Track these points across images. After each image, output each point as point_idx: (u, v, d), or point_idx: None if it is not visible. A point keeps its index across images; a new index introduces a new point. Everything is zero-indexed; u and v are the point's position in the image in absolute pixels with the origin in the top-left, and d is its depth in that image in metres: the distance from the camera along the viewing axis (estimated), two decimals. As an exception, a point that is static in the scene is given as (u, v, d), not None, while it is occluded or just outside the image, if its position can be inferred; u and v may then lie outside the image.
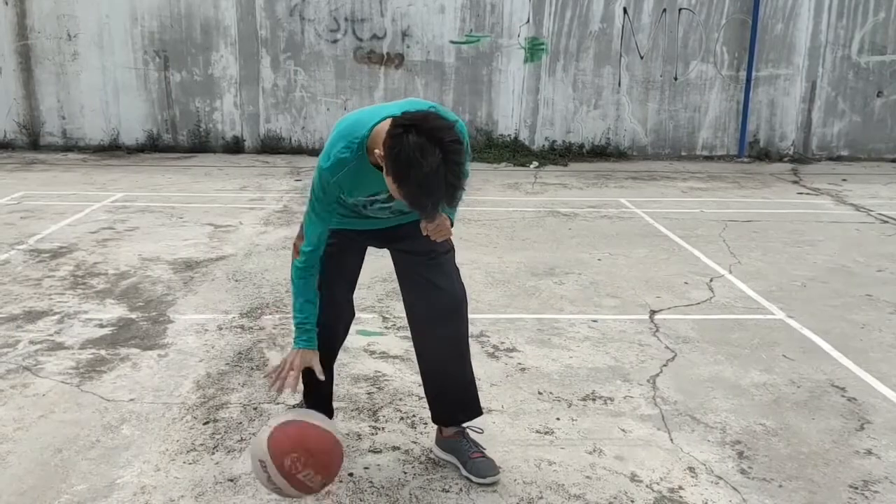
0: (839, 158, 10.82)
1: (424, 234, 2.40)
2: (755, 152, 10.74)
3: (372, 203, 2.48)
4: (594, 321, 4.29)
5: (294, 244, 2.54)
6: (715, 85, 10.57)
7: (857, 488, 2.69)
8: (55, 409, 3.14)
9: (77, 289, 4.69)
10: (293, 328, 2.53)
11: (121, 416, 3.10)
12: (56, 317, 4.20)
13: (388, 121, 2.25)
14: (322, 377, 2.54)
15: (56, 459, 2.76)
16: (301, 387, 2.61)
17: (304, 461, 2.21)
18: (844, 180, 9.22)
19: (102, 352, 3.74)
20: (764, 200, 7.98)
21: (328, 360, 2.79)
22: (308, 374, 2.86)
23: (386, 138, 2.10)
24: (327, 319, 2.62)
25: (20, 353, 3.70)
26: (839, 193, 8.39)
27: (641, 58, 10.47)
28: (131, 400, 3.24)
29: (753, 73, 10.46)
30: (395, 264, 2.73)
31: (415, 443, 2.92)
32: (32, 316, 4.20)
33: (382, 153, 2.11)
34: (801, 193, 8.44)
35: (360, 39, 10.28)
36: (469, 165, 2.64)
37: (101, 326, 4.07)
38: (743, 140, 10.64)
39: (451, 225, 2.50)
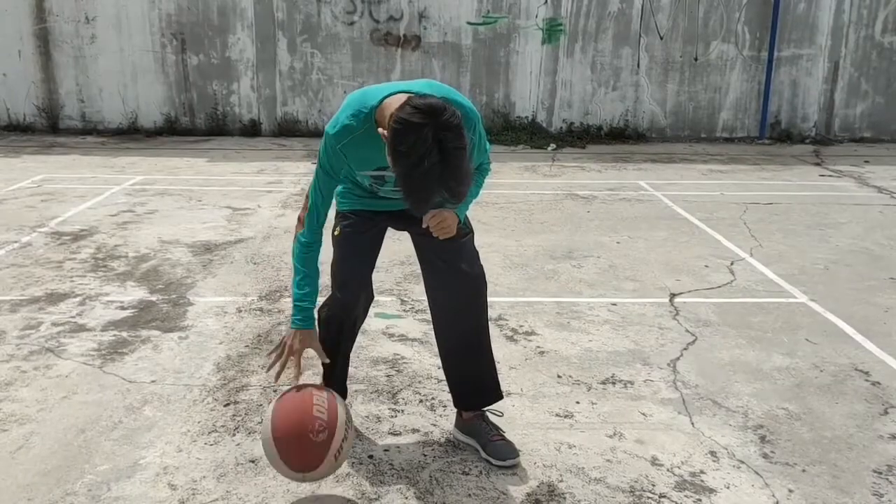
0: (862, 140, 10.66)
1: (424, 226, 2.37)
2: (776, 134, 10.60)
3: (382, 183, 2.46)
4: (613, 304, 4.26)
5: (299, 217, 2.53)
6: (736, 65, 10.43)
7: (881, 473, 2.66)
8: (77, 390, 3.17)
9: (98, 271, 4.72)
10: (292, 307, 2.51)
11: (142, 397, 3.12)
12: (78, 299, 4.23)
13: (399, 95, 2.22)
14: (326, 360, 2.53)
15: (79, 440, 2.79)
16: (294, 372, 2.58)
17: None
18: (867, 162, 9.09)
19: (124, 333, 3.77)
20: (785, 182, 7.88)
21: (347, 342, 2.79)
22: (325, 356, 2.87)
23: (391, 118, 2.06)
24: (346, 301, 2.61)
25: (43, 334, 3.74)
26: (862, 175, 8.28)
27: (661, 38, 10.34)
28: (153, 381, 3.26)
29: (775, 54, 10.30)
30: (415, 247, 2.71)
31: (434, 425, 2.92)
32: (54, 298, 4.24)
33: (385, 131, 2.08)
34: (823, 175, 8.33)
35: (377, 21, 10.22)
36: (490, 163, 2.61)
37: (122, 308, 4.10)
38: (764, 121, 10.51)
39: (460, 223, 2.47)
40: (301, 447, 2.29)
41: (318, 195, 2.46)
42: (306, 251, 2.48)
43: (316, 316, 2.53)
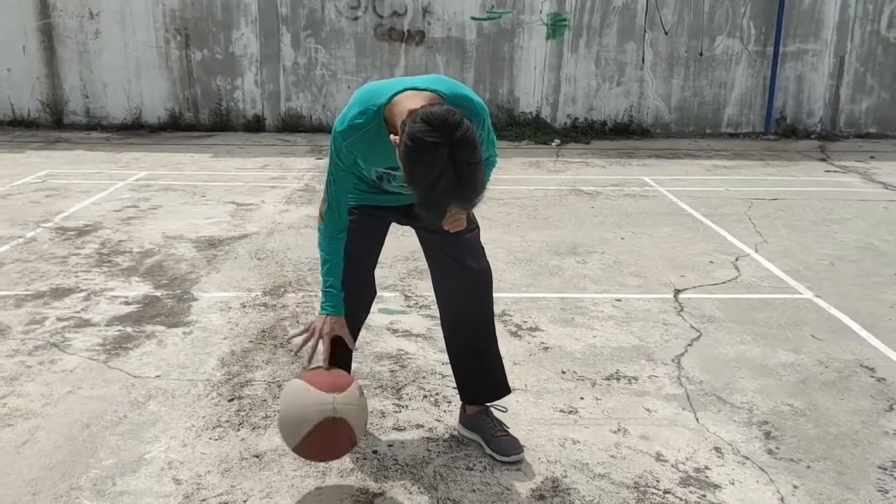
0: (867, 136, 10.62)
1: None
2: (782, 129, 10.57)
3: (392, 179, 2.45)
4: (618, 300, 4.26)
5: (319, 210, 2.52)
6: (741, 60, 10.39)
7: (886, 469, 2.65)
8: (82, 384, 3.18)
9: (103, 266, 4.73)
10: (320, 293, 2.51)
11: (147, 392, 3.12)
12: (82, 294, 4.24)
13: (409, 93, 2.19)
14: (353, 347, 2.54)
15: (84, 435, 2.79)
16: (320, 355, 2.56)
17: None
18: (872, 158, 9.06)
19: (128, 329, 3.77)
20: (790, 178, 7.86)
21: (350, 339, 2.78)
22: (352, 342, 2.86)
23: (404, 131, 1.99)
24: (348, 296, 2.60)
25: (48, 329, 3.74)
26: (867, 171, 8.25)
27: (666, 33, 10.30)
28: (157, 376, 3.26)
29: (781, 49, 10.26)
30: (420, 243, 2.71)
31: (438, 421, 2.92)
32: (59, 293, 4.24)
33: (397, 140, 2.04)
34: (828, 171, 8.30)
35: (381, 16, 10.21)
36: (496, 155, 2.61)
37: (127, 304, 4.11)
38: (769, 117, 10.48)
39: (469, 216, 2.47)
40: (329, 372, 2.41)
41: (335, 189, 2.44)
42: (329, 242, 2.48)
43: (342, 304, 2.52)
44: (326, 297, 2.48)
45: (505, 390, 2.77)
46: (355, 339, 2.89)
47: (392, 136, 2.10)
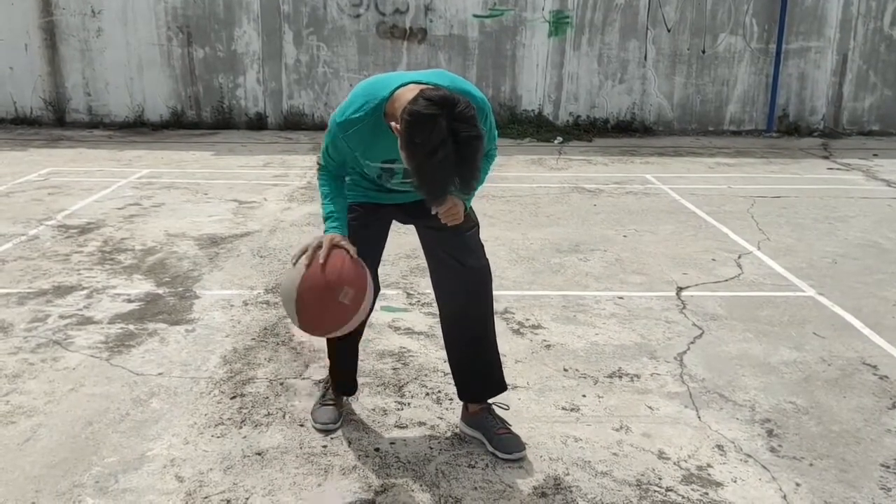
0: (870, 133, 10.60)
1: (433, 212, 2.37)
2: (784, 127, 10.55)
3: (392, 175, 2.45)
4: (620, 298, 4.25)
5: (317, 161, 2.57)
6: (744, 58, 10.37)
7: (888, 467, 2.65)
8: (85, 382, 3.18)
9: (105, 264, 4.73)
10: (323, 223, 2.44)
11: (150, 389, 3.13)
12: (85, 292, 4.24)
13: (411, 87, 2.20)
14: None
15: (86, 432, 2.80)
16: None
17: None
18: (875, 155, 9.04)
19: (131, 326, 3.77)
20: (793, 176, 7.85)
21: (353, 337, 2.78)
22: (333, 349, 2.87)
23: (404, 110, 2.04)
24: None
25: (50, 327, 3.75)
26: (870, 169, 8.23)
27: (668, 31, 10.28)
28: (160, 374, 3.27)
29: (783, 46, 10.24)
30: (420, 240, 2.71)
31: (440, 418, 2.92)
32: (62, 291, 4.25)
33: (398, 124, 2.06)
34: (831, 169, 8.29)
35: (383, 14, 10.20)
36: (496, 149, 2.61)
37: (129, 301, 4.11)
38: (772, 114, 10.46)
39: (467, 210, 2.47)
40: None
41: (328, 161, 2.49)
42: (329, 177, 2.49)
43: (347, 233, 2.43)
44: (330, 220, 2.40)
45: (501, 387, 2.77)
46: (360, 337, 2.90)
47: (392, 124, 2.11)
